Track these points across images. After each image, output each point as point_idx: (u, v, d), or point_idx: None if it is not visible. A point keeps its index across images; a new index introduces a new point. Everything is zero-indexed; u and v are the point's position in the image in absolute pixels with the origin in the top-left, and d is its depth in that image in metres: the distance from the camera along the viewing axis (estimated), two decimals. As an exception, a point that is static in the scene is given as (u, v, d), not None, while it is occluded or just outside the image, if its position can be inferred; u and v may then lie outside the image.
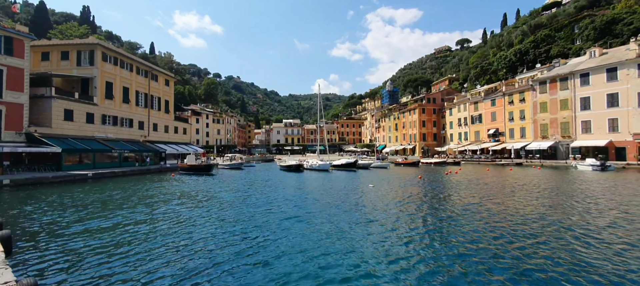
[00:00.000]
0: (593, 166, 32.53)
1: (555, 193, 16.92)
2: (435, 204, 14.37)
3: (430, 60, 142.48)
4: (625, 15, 54.96)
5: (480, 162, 50.33)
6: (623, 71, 36.78)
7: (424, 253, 7.53)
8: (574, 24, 65.41)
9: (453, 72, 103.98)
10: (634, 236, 8.67)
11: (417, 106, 70.75)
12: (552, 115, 44.21)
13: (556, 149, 43.34)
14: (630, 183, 21.18)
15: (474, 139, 58.42)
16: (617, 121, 37.27)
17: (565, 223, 10.26)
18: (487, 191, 18.05)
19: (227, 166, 44.18)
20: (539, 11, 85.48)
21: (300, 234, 9.34)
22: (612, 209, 12.43)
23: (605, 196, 15.67)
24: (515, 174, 30.26)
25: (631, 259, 6.92)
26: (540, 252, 7.40)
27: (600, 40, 54.35)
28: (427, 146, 69.35)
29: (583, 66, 41.23)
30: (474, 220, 10.81)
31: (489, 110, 55.54)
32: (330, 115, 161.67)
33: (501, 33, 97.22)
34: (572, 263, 6.71)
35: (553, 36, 67.65)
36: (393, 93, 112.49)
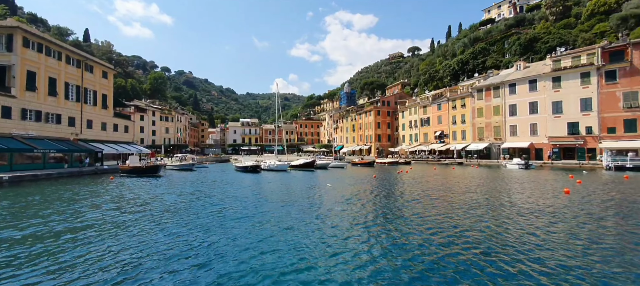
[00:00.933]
0: (519, 165, 37.30)
1: (487, 188, 19.03)
2: (385, 201, 15.10)
3: (385, 65, 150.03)
4: (543, 34, 64.20)
5: (429, 162, 54.42)
6: (541, 83, 42.88)
7: (370, 246, 7.84)
8: (505, 40, 74.45)
9: (405, 77, 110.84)
10: (546, 221, 10.11)
11: (372, 108, 73.88)
12: (487, 119, 49.65)
13: (490, 149, 48.78)
14: (547, 178, 24.79)
15: (423, 141, 62.96)
16: (536, 126, 43.29)
17: (493, 213, 11.57)
18: (431, 188, 19.57)
19: (176, 167, 41.14)
20: (477, 26, 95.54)
21: (246, 234, 9.05)
22: (530, 199, 14.37)
23: (526, 189, 18.09)
24: (456, 172, 33.32)
25: (546, 238, 8.04)
26: (473, 239, 8.22)
27: (524, 55, 62.63)
28: (381, 146, 72.80)
29: (511, 77, 47.09)
30: (418, 214, 11.60)
31: (436, 114, 60.36)
32: (289, 115, 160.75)
33: (446, 44, 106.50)
34: (499, 245, 7.57)
35: (488, 49, 76.14)
36: (350, 95, 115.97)
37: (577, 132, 39.46)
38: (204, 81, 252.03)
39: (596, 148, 37.24)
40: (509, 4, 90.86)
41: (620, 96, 36.44)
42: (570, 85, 40.08)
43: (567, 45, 55.85)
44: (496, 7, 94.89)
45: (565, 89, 40.48)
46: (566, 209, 12.49)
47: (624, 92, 36.16)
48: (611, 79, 37.13)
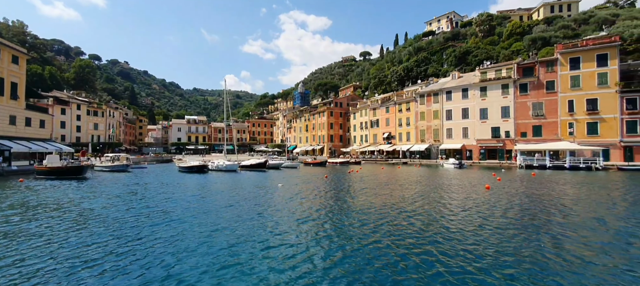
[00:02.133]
0: (454, 164, 41.61)
1: (426, 186, 20.82)
2: (333, 200, 15.45)
3: (338, 67, 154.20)
4: (474, 49, 72.75)
5: (377, 162, 57.43)
6: (471, 91, 48.46)
7: (309, 245, 7.92)
8: (443, 51, 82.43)
9: (357, 80, 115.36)
10: (468, 212, 11.43)
11: (326, 109, 75.24)
12: (428, 123, 54.34)
13: (430, 150, 53.49)
14: (474, 176, 28.11)
15: (373, 142, 66.23)
16: (467, 130, 48.80)
17: (428, 207, 12.68)
18: (378, 186, 20.68)
19: (107, 168, 36.46)
20: (420, 37, 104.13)
21: (176, 236, 8.40)
22: (458, 195, 16.12)
23: (457, 185, 20.27)
24: (401, 171, 35.78)
25: (465, 226, 9.07)
26: (410, 230, 8.87)
27: (459, 66, 70.11)
28: (334, 147, 74.56)
29: (447, 86, 52.30)
30: (362, 211, 12.13)
31: (384, 116, 64.02)
32: (241, 114, 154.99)
33: (394, 51, 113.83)
34: (437, 230, 8.30)
35: (429, 59, 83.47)
36: (304, 95, 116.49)
37: (498, 136, 45.57)
38: (143, 73, 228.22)
39: (513, 149, 43.45)
40: (447, 19, 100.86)
41: (530, 106, 43.13)
42: (494, 94, 46.10)
43: (492, 59, 64.17)
44: (436, 20, 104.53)
45: (490, 98, 46.42)
46: (484, 202, 14.29)
47: (533, 102, 42.91)
48: (524, 91, 43.74)
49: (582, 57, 39.91)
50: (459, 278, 6.14)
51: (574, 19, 68.69)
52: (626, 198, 15.78)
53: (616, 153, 37.29)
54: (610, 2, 78.55)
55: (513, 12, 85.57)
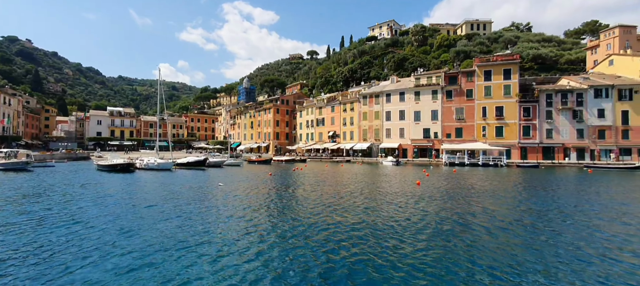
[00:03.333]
0: (392, 162, 44.97)
1: (365, 182, 22.06)
2: (275, 197, 15.25)
3: (285, 64, 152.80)
4: (410, 56, 79.71)
5: (322, 159, 58.69)
6: (407, 95, 52.96)
7: (262, 242, 7.67)
8: (384, 56, 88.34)
9: (304, 78, 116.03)
10: (401, 205, 12.47)
11: (272, 106, 73.86)
12: (370, 123, 57.59)
13: (371, 149, 56.84)
14: (408, 172, 30.84)
15: (318, 140, 67.45)
16: (404, 130, 53.23)
17: (366, 202, 13.46)
18: (321, 183, 21.13)
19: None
20: (364, 41, 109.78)
21: (74, 242, 7.35)
22: (393, 190, 17.49)
23: (392, 181, 21.96)
24: (344, 169, 37.22)
25: (398, 217, 9.87)
26: (348, 223, 9.26)
27: (397, 71, 75.96)
28: (280, 144, 73.72)
29: (387, 89, 56.21)
30: (304, 206, 12.23)
31: (330, 115, 65.72)
32: (178, 107, 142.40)
33: (340, 52, 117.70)
34: (376, 222, 8.79)
35: (372, 62, 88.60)
36: (250, 91, 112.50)
37: (428, 137, 50.77)
38: (51, 55, 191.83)
39: (440, 148, 48.88)
40: (388, 27, 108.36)
41: (454, 110, 49.07)
42: (426, 99, 51.17)
43: (425, 67, 71.09)
44: (378, 27, 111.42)
45: (423, 102, 51.40)
46: (415, 195, 15.78)
47: (456, 108, 48.92)
48: (449, 97, 49.54)
49: (493, 70, 46.95)
50: (386, 266, 6.57)
51: (488, 37, 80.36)
52: (518, 189, 19.10)
53: (515, 152, 44.94)
54: (514, 25, 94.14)
55: (442, 26, 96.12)
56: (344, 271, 6.43)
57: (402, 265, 6.77)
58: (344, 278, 6.17)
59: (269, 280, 6.05)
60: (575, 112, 43.49)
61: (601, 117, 42.75)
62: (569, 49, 70.07)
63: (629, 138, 42.00)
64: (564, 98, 43.94)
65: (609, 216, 11.66)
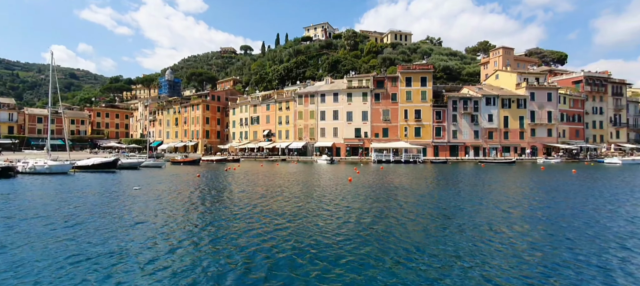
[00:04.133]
0: (326, 161, 46.52)
1: (300, 180, 22.32)
2: (204, 199, 14.15)
3: (216, 57, 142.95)
4: (343, 59, 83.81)
5: (257, 159, 57.01)
6: (341, 96, 55.55)
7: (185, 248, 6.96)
8: (319, 57, 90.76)
9: (238, 74, 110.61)
10: (334, 201, 13.04)
11: (201, 101, 68.29)
12: (305, 122, 58.42)
13: (307, 148, 57.78)
14: (342, 170, 32.40)
15: (253, 138, 65.26)
16: (337, 130, 55.68)
17: (300, 200, 13.62)
18: (255, 183, 20.49)
19: None
20: (299, 40, 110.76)
21: None
22: (327, 187, 18.17)
23: (326, 179, 22.78)
24: (280, 168, 36.91)
25: (331, 211, 10.28)
26: (282, 222, 9.20)
27: (331, 72, 78.97)
28: (210, 143, 68.75)
29: (322, 89, 57.92)
30: (235, 209, 11.68)
31: (265, 113, 64.25)
32: (79, 98, 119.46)
33: (275, 49, 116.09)
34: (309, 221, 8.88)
35: (307, 62, 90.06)
36: (174, 84, 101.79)
37: (359, 136, 54.26)
38: None
39: (369, 147, 52.76)
40: (322, 29, 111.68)
41: (381, 112, 53.57)
42: (357, 100, 54.53)
43: (357, 70, 75.63)
44: (313, 28, 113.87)
45: (354, 103, 54.63)
46: (346, 192, 16.69)
47: (383, 110, 53.51)
48: (377, 100, 53.87)
49: (412, 77, 52.89)
50: (304, 264, 6.73)
51: (408, 48, 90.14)
52: (429, 182, 22.03)
53: (430, 150, 51.62)
54: (428, 39, 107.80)
55: (371, 34, 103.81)
56: (260, 275, 6.22)
57: (320, 261, 6.99)
58: (260, 282, 5.99)
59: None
60: (473, 116, 52.34)
61: (490, 121, 52.48)
62: (469, 63, 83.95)
63: (508, 138, 52.68)
64: (465, 104, 52.42)
65: (492, 202, 14.36)
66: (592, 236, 8.91)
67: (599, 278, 6.08)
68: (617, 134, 60.58)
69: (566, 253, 7.51)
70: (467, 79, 73.25)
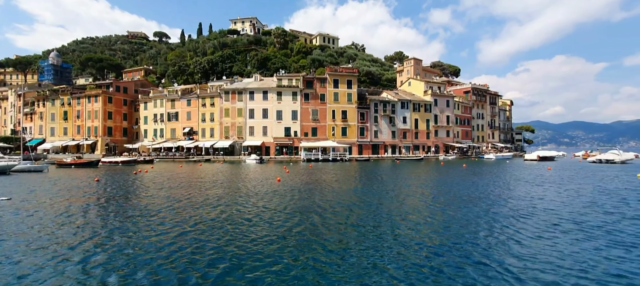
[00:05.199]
0: (255, 160, 44.88)
1: (226, 181, 20.89)
2: (104, 208, 11.80)
3: (122, 42, 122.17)
4: (273, 57, 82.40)
5: (176, 159, 51.10)
6: (270, 95, 54.46)
7: None
8: (247, 53, 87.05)
9: (150, 63, 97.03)
10: (263, 202, 12.60)
11: (102, 92, 57.41)
12: (232, 120, 55.19)
13: (234, 147, 54.70)
14: (271, 169, 31.71)
15: (171, 137, 58.27)
16: (267, 129, 54.40)
17: (226, 202, 12.71)
18: (172, 187, 18.22)
19: None
20: (225, 33, 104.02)
21: None
22: (255, 187, 17.49)
23: (255, 179, 21.94)
24: (203, 169, 33.86)
25: (259, 212, 9.86)
26: (206, 226, 8.34)
27: (261, 70, 76.74)
28: (113, 142, 58.51)
29: (251, 86, 55.72)
30: (142, 217, 10.11)
31: (185, 109, 58.13)
32: None
33: (198, 40, 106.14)
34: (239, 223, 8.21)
35: (234, 57, 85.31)
36: (63, 70, 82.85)
37: (289, 135, 54.23)
38: None
39: (299, 146, 53.24)
40: (250, 24, 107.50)
41: (310, 112, 54.70)
42: (287, 99, 54.35)
43: (286, 69, 75.43)
44: (241, 21, 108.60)
45: (284, 102, 54.30)
46: (274, 192, 16.38)
47: (312, 109, 54.75)
48: (307, 100, 54.79)
49: (339, 79, 55.67)
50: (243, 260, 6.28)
51: (336, 51, 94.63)
52: (354, 179, 23.56)
53: (355, 149, 55.26)
54: (353, 44, 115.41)
55: (301, 34, 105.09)
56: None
57: (243, 269, 6.61)
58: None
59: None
60: (391, 118, 58.29)
61: (404, 123, 59.36)
62: (387, 70, 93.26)
63: (418, 138, 60.55)
64: (385, 107, 57.97)
65: (405, 193, 16.18)
66: (474, 214, 10.81)
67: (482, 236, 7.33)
68: (493, 136, 76.34)
69: (468, 233, 8.86)
70: (386, 84, 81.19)
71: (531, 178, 23.77)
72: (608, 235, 8.70)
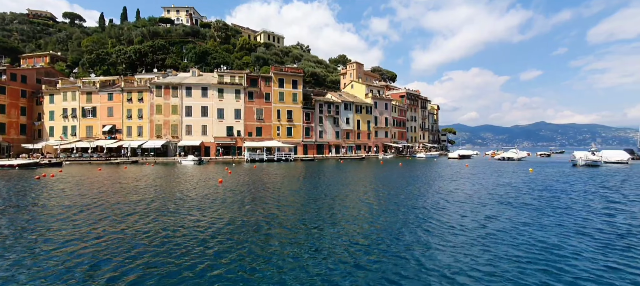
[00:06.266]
0: (193, 161, 41.40)
1: (158, 186, 18.73)
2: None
3: (20, 21, 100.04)
4: (213, 51, 77.27)
5: (92, 161, 43.97)
6: (210, 91, 50.96)
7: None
8: (183, 45, 79.95)
9: (59, 49, 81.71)
10: (201, 206, 11.61)
11: (-14, 80, 46.08)
12: (165, 117, 49.96)
13: (167, 147, 49.60)
14: (212, 171, 29.57)
15: (86, 136, 49.95)
16: (206, 127, 50.74)
17: (158, 208, 11.36)
18: (83, 194, 15.52)
19: None
20: (156, 21, 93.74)
21: None
22: (193, 191, 16.07)
23: (193, 182, 20.18)
24: (128, 172, 29.79)
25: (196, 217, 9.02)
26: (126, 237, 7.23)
27: (199, 64, 71.22)
28: (7, 141, 47.62)
29: (188, 81, 51.29)
30: (55, 232, 8.38)
31: (106, 104, 50.52)
32: None
33: (121, 26, 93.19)
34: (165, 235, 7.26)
35: (168, 48, 77.47)
36: None
37: (232, 134, 51.56)
38: None
39: (242, 146, 51.00)
40: (187, 13, 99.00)
41: (255, 111, 52.91)
42: (229, 97, 51.56)
43: (229, 65, 71.64)
44: (175, 10, 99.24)
45: (226, 100, 51.39)
46: (215, 195, 15.31)
47: (257, 108, 53.04)
48: (251, 98, 52.84)
49: (285, 79, 55.13)
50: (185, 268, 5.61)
51: (281, 50, 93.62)
52: (301, 179, 23.58)
53: (300, 149, 55.38)
54: (299, 45, 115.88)
55: (244, 29, 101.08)
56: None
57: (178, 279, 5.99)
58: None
59: None
60: (335, 119, 60.07)
61: (347, 124, 61.80)
62: (332, 72, 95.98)
63: (360, 139, 63.69)
64: (329, 108, 59.45)
65: (349, 189, 16.79)
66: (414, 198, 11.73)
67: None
68: (423, 136, 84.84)
69: (411, 216, 9.47)
70: (330, 86, 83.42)
71: (453, 174, 27.06)
72: (514, 213, 10.25)
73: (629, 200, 14.08)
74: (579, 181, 21.40)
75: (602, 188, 17.96)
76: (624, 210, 12.00)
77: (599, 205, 12.94)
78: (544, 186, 18.72)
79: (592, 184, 19.70)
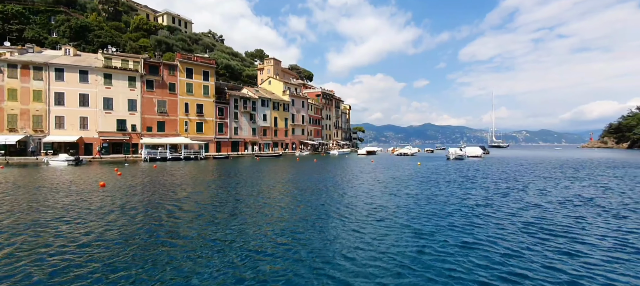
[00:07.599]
0: (68, 161, 33.09)
1: (14, 193, 14.17)
2: None
3: None
4: (96, 27, 63.24)
5: None
6: (93, 76, 41.70)
7: None
8: (51, 16, 62.83)
9: None
10: (76, 217, 9.36)
11: None
12: (23, 105, 38.33)
13: (27, 143, 38.24)
14: (93, 173, 24.16)
15: None
16: (87, 120, 41.34)
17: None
18: None
19: None
20: (11, -21, 70.67)
21: None
22: (63, 199, 12.83)
23: (65, 187, 16.08)
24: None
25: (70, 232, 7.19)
26: None
27: (75, 41, 57.32)
28: None
29: (59, 61, 40.62)
30: None
31: None
32: None
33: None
34: None
35: (29, 18, 59.58)
36: None
37: (124, 129, 43.54)
38: None
39: (138, 143, 43.73)
40: (60, -24, 78.12)
41: (155, 102, 46.05)
42: (120, 85, 43.30)
43: (119, 47, 60.07)
44: (42, -31, 77.02)
45: (116, 88, 42.98)
46: (91, 202, 12.63)
47: (158, 100, 46.29)
48: (150, 88, 45.72)
49: (194, 69, 49.90)
50: None
51: (189, 36, 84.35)
52: (211, 178, 21.83)
53: (212, 146, 51.26)
54: (211, 33, 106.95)
55: (141, 7, 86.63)
56: None
57: None
58: None
59: None
60: (251, 115, 57.98)
61: (265, 121, 60.57)
62: (248, 66, 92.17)
63: (278, 136, 63.40)
64: (245, 104, 56.94)
65: (266, 187, 16.46)
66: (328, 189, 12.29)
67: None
68: (337, 134, 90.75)
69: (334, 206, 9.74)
70: (246, 81, 79.95)
71: (361, 168, 29.84)
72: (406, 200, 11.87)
73: (478, 186, 18.31)
74: (448, 171, 26.87)
75: (461, 177, 22.97)
76: (471, 195, 15.47)
77: (458, 190, 16.37)
78: (425, 178, 22.63)
79: (457, 175, 24.90)
